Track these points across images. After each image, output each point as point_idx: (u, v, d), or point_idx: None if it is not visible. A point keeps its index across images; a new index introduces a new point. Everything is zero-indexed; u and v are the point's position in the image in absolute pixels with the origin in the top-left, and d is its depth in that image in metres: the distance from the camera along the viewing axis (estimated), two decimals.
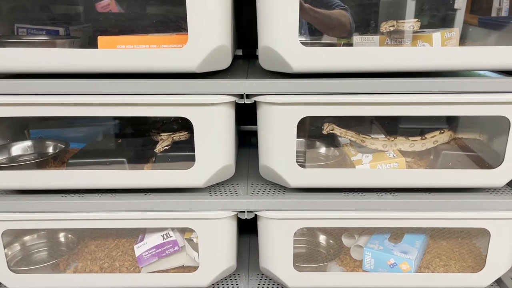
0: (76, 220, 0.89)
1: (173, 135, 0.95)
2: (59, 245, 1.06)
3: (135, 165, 0.93)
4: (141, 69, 0.80)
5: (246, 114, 1.05)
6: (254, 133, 0.90)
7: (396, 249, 0.96)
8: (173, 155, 0.94)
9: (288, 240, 0.91)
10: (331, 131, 0.93)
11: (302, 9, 0.85)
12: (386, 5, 1.04)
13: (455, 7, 0.99)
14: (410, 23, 0.83)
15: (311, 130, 1.03)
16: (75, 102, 0.81)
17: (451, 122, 1.00)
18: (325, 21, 0.96)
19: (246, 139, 1.30)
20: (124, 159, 0.93)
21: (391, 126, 1.01)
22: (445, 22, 1.01)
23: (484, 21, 0.99)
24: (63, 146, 1.00)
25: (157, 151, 0.92)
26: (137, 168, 0.92)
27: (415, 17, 0.99)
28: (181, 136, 0.95)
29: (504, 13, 0.98)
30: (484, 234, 0.92)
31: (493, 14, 0.99)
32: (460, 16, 0.99)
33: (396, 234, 1.01)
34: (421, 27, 0.86)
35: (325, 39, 1.04)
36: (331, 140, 1.03)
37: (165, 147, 0.92)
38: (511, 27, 0.93)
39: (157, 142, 0.95)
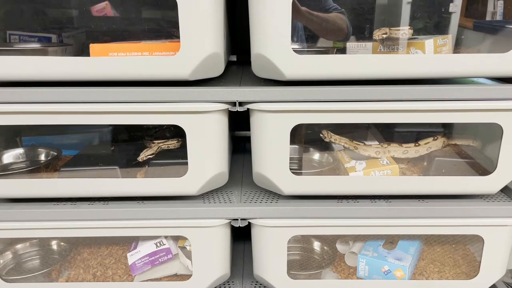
0: (68, 229, 0.88)
1: (161, 144, 0.94)
2: (51, 253, 1.05)
3: (128, 173, 0.93)
4: (134, 77, 0.80)
5: (240, 120, 1.05)
6: (249, 139, 0.90)
7: (390, 256, 0.96)
8: (166, 163, 0.93)
9: (282, 248, 0.90)
10: (330, 139, 0.93)
11: (299, 12, 0.85)
12: (381, 9, 1.05)
13: (450, 11, 0.99)
14: (402, 31, 0.83)
15: (304, 136, 1.03)
16: (67, 111, 0.81)
17: (445, 128, 1.00)
18: (323, 25, 0.96)
19: (241, 144, 1.29)
20: (116, 167, 0.92)
21: (386, 130, 1.01)
22: (440, 25, 1.01)
23: (479, 25, 0.99)
24: (56, 154, 1.00)
25: (140, 160, 0.91)
26: (129, 176, 0.92)
27: (411, 20, 0.99)
28: (169, 144, 0.95)
29: (498, 17, 0.98)
30: (478, 240, 0.92)
31: (488, 18, 1.00)
32: (455, 20, 0.99)
33: (391, 240, 1.01)
34: (417, 30, 0.86)
35: (320, 43, 1.04)
36: (325, 147, 1.03)
37: (149, 156, 0.91)
38: (505, 31, 0.93)
39: (165, 147, 0.95)
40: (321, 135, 0.94)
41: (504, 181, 0.86)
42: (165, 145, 0.94)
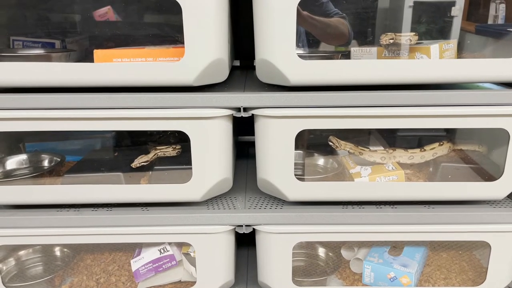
0: (72, 236, 0.87)
1: (157, 151, 0.94)
2: (54, 259, 1.05)
3: (131, 178, 0.92)
4: (138, 82, 0.80)
5: (244, 125, 1.04)
6: (253, 144, 0.90)
7: (396, 262, 0.95)
8: (170, 169, 0.93)
9: (287, 254, 0.89)
10: (340, 146, 0.92)
11: (300, 17, 0.85)
12: (382, 14, 1.04)
13: (451, 14, 0.99)
14: (407, 37, 0.83)
15: (309, 142, 1.03)
16: (70, 117, 0.80)
17: (450, 133, 0.99)
18: (324, 29, 0.96)
19: (245, 149, 1.29)
20: (120, 173, 0.92)
21: (390, 136, 1.01)
22: (442, 29, 1.01)
23: (481, 29, 0.99)
24: (59, 160, 0.99)
25: (133, 166, 0.91)
26: (133, 182, 0.91)
27: (412, 24, 0.98)
28: (165, 152, 0.94)
29: (500, 21, 0.98)
30: (485, 246, 0.91)
31: (490, 21, 0.99)
32: (457, 23, 0.99)
33: (396, 247, 1.00)
34: (419, 34, 0.86)
35: (322, 48, 1.03)
36: (329, 152, 1.02)
37: (142, 163, 0.91)
38: (509, 36, 0.93)
39: (161, 154, 0.95)
40: (330, 143, 0.93)
41: (511, 187, 0.85)
42: (161, 152, 0.94)
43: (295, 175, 0.85)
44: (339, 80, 0.79)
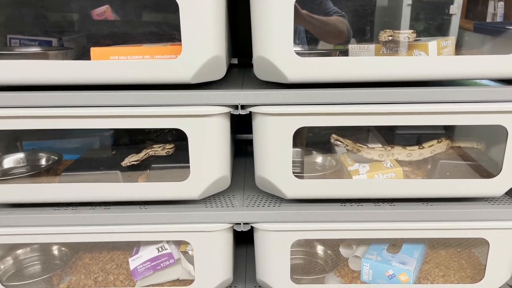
0: (69, 234, 0.87)
1: (148, 150, 0.93)
2: (52, 258, 1.05)
3: (129, 177, 0.92)
4: (135, 80, 0.79)
5: (242, 123, 1.04)
6: (251, 142, 0.89)
7: (395, 259, 0.95)
8: (168, 167, 0.93)
9: (285, 252, 0.89)
10: (348, 146, 0.92)
11: (299, 15, 0.84)
12: (381, 11, 1.04)
13: (450, 13, 0.99)
14: (405, 34, 0.83)
15: (307, 139, 1.02)
16: (67, 115, 0.80)
17: (448, 130, 0.99)
18: (323, 28, 0.96)
19: (243, 147, 1.28)
20: (118, 171, 0.91)
21: (388, 133, 1.01)
22: (441, 27, 1.01)
23: (480, 27, 0.98)
24: (57, 158, 0.99)
25: (123, 165, 0.91)
26: (131, 180, 0.91)
27: (411, 22, 0.98)
28: (156, 151, 0.93)
29: (499, 18, 0.98)
30: (483, 243, 0.91)
31: (488, 19, 0.99)
32: (455, 22, 0.99)
33: (395, 244, 1.00)
34: (417, 32, 0.86)
35: (321, 46, 1.03)
36: (328, 150, 1.02)
37: (133, 162, 0.91)
38: (507, 33, 0.93)
39: (152, 153, 0.94)
40: (338, 142, 0.92)
41: (509, 184, 0.85)
42: (152, 151, 0.93)
43: (293, 172, 0.85)
44: (337, 77, 0.79)
